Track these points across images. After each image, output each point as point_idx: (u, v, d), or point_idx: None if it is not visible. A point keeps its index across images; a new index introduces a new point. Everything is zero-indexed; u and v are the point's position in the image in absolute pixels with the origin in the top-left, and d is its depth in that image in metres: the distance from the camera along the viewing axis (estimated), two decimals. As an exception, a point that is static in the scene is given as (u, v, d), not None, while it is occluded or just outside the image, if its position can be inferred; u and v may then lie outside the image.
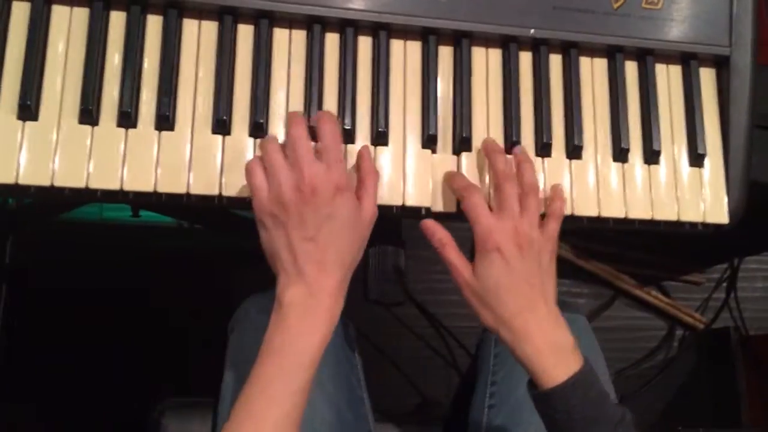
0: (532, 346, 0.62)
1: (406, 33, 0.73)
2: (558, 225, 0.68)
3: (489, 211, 0.66)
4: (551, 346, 0.62)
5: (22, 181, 0.62)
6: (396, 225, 0.78)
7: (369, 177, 0.65)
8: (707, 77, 0.79)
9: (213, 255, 1.37)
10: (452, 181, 0.70)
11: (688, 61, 0.78)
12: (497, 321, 0.64)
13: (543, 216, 0.69)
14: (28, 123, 0.64)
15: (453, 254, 0.66)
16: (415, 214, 0.71)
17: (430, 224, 0.68)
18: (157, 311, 1.32)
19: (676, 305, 1.57)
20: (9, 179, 0.62)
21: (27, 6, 0.65)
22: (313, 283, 0.59)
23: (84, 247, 1.35)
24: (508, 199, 0.66)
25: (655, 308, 1.57)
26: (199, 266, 1.35)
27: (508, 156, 0.71)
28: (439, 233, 0.67)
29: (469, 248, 0.67)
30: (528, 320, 0.63)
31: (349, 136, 0.70)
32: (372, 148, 0.70)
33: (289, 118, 0.63)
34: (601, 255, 1.54)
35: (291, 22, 0.70)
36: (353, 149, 0.69)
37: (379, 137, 0.70)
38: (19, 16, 0.65)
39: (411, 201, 0.70)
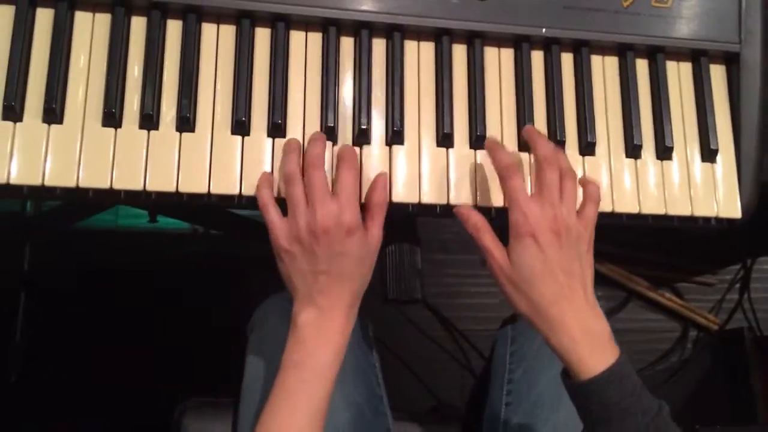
0: (568, 336, 0.61)
1: (419, 34, 0.74)
2: (596, 209, 0.67)
3: (529, 196, 0.64)
4: (588, 336, 0.61)
5: (48, 182, 0.64)
6: (412, 223, 0.78)
7: (379, 207, 0.67)
8: (717, 74, 0.80)
9: (228, 259, 1.38)
10: (495, 157, 0.68)
11: (698, 58, 0.79)
12: (532, 309, 0.63)
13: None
14: (54, 126, 0.65)
15: (488, 239, 0.65)
16: (431, 211, 0.72)
17: (464, 209, 0.67)
18: (175, 314, 1.33)
19: (690, 307, 1.57)
20: (35, 181, 0.64)
21: (51, 12, 0.67)
22: (325, 308, 0.63)
23: (100, 253, 1.37)
24: (550, 184, 0.64)
25: (668, 310, 1.57)
26: (214, 270, 1.36)
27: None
28: (473, 218, 0.67)
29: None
30: (564, 309, 0.62)
31: (364, 136, 0.71)
32: (387, 148, 0.71)
33: (308, 163, 0.65)
34: (613, 257, 1.54)
35: (307, 25, 0.72)
36: (369, 151, 0.71)
37: (395, 136, 0.71)
38: (43, 21, 0.67)
39: (427, 199, 0.71)
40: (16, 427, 1.24)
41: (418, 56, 0.74)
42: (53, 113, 0.65)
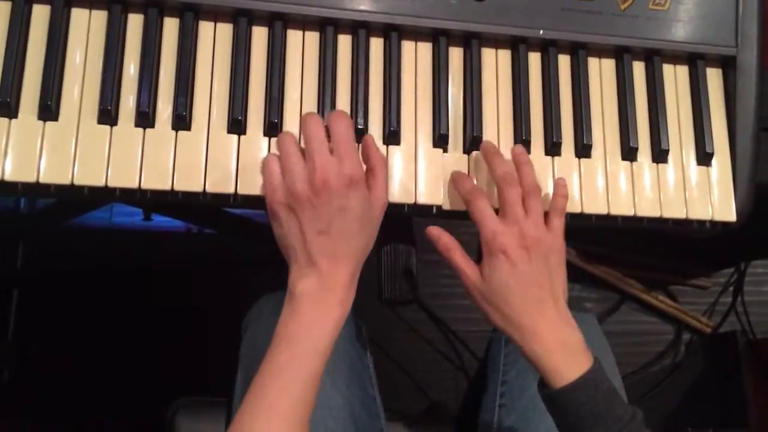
0: (541, 345, 0.62)
1: (416, 34, 0.74)
2: (562, 221, 0.68)
3: (494, 215, 0.66)
4: (561, 345, 0.62)
5: (42, 180, 0.64)
6: (407, 224, 0.78)
7: (378, 166, 0.66)
8: (714, 77, 0.80)
9: (223, 259, 1.38)
10: (458, 184, 0.70)
11: (694, 61, 0.79)
12: (506, 321, 0.64)
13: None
14: (49, 123, 0.65)
15: (459, 258, 0.67)
16: (427, 212, 0.72)
17: (434, 231, 0.69)
18: (168, 313, 1.33)
19: (683, 309, 1.57)
20: (30, 178, 0.63)
21: (47, 9, 0.67)
22: (325, 274, 0.60)
23: (94, 251, 1.36)
24: (512, 204, 0.66)
25: (662, 312, 1.58)
26: (208, 270, 1.35)
27: (508, 158, 0.70)
28: (444, 238, 0.68)
29: (475, 249, 0.68)
30: (537, 320, 0.63)
31: (361, 136, 0.70)
32: (383, 146, 0.71)
33: (304, 117, 0.64)
34: (607, 259, 1.54)
35: (304, 23, 0.72)
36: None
37: (391, 136, 0.71)
38: (39, 18, 0.67)
39: (422, 199, 0.71)
40: (9, 426, 1.23)
41: (416, 56, 0.74)
42: (48, 110, 0.64)
